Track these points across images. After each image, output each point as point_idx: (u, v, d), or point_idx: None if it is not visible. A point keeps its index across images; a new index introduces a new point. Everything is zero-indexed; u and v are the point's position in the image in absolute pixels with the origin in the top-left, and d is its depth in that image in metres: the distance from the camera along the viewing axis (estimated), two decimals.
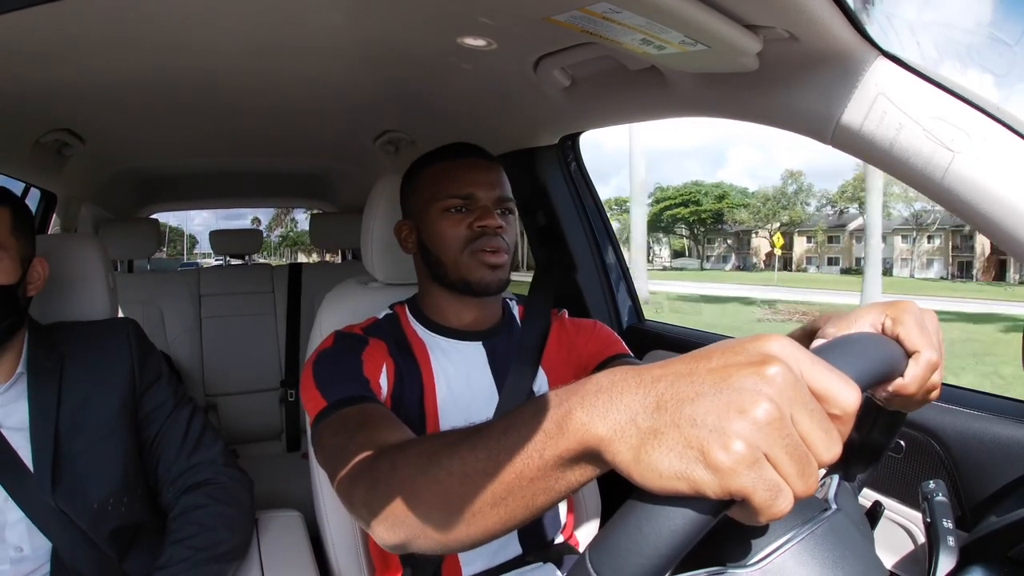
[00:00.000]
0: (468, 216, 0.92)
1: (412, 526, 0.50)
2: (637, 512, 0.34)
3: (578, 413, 0.37)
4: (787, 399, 0.32)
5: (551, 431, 0.38)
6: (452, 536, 0.47)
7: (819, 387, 0.34)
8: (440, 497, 0.47)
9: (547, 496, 0.40)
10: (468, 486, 0.44)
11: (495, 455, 0.42)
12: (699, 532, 0.34)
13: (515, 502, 0.41)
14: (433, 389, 0.93)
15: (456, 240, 0.92)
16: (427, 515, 0.48)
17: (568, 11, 0.73)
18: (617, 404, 0.36)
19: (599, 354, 0.99)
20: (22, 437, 0.91)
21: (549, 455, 0.39)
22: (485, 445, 0.43)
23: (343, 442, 0.68)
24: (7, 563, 0.88)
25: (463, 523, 0.45)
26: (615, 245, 1.61)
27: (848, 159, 3.56)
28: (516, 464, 0.40)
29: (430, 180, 0.95)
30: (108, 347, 1.02)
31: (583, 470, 0.38)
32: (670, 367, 0.36)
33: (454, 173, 0.93)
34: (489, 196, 0.93)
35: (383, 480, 0.54)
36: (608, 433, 0.35)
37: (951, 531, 0.59)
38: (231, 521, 0.98)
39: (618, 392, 0.36)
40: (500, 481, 0.41)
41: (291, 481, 1.73)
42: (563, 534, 1.06)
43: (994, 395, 0.87)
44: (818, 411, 0.33)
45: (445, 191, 0.93)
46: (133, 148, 1.81)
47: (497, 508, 0.42)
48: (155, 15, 0.85)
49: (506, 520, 0.43)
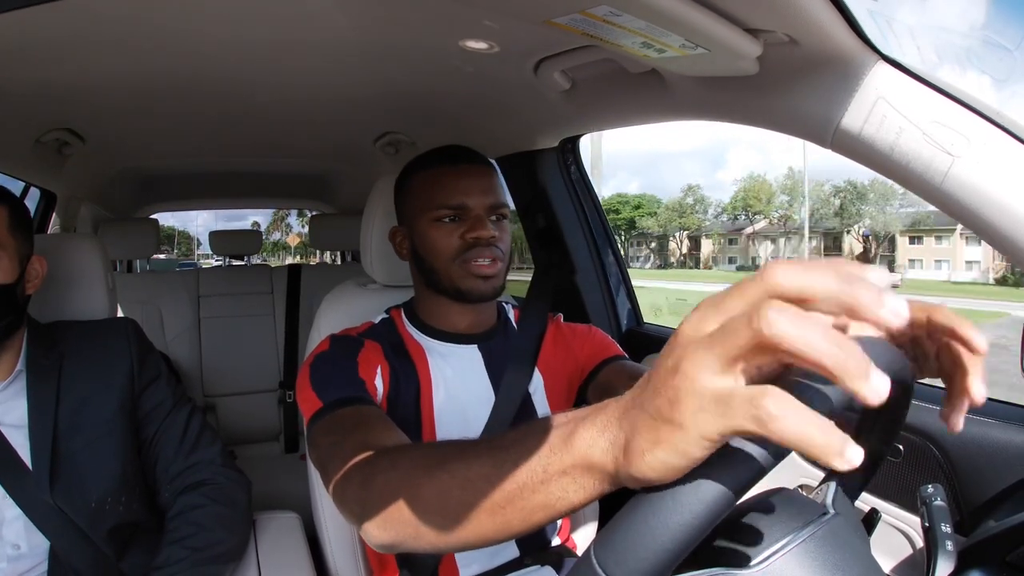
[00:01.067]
0: (460, 226, 0.91)
1: (407, 525, 0.50)
2: (643, 506, 0.34)
3: (582, 431, 0.38)
4: (695, 382, 0.31)
5: (556, 446, 0.39)
6: (447, 539, 0.47)
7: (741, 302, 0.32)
8: (439, 499, 0.47)
9: (545, 513, 0.41)
10: (469, 491, 0.44)
11: (499, 464, 0.42)
12: (704, 529, 0.34)
13: (513, 513, 0.42)
14: (430, 392, 0.93)
15: (448, 250, 0.91)
16: (424, 516, 0.48)
17: (568, 14, 0.73)
18: (608, 426, 0.37)
19: (595, 357, 0.99)
20: (21, 435, 0.91)
21: (553, 469, 0.39)
22: (491, 454, 0.44)
23: (338, 440, 0.69)
24: (4, 561, 0.88)
25: (460, 527, 0.45)
26: (615, 248, 1.61)
27: (845, 161, 3.55)
28: (519, 474, 0.41)
29: (421, 188, 0.94)
30: (107, 346, 1.02)
31: (584, 488, 0.39)
32: (638, 384, 0.37)
33: (444, 181, 0.91)
34: (481, 204, 0.91)
35: (380, 477, 0.54)
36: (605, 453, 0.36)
37: (949, 535, 0.59)
38: (228, 521, 0.98)
39: (615, 408, 0.37)
40: (501, 489, 0.42)
41: (289, 482, 1.72)
42: (560, 536, 1.06)
43: (993, 399, 0.87)
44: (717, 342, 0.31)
45: (436, 200, 0.91)
46: (133, 148, 1.81)
47: (494, 516, 0.43)
48: (156, 15, 0.85)
49: (502, 529, 0.43)
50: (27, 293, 0.96)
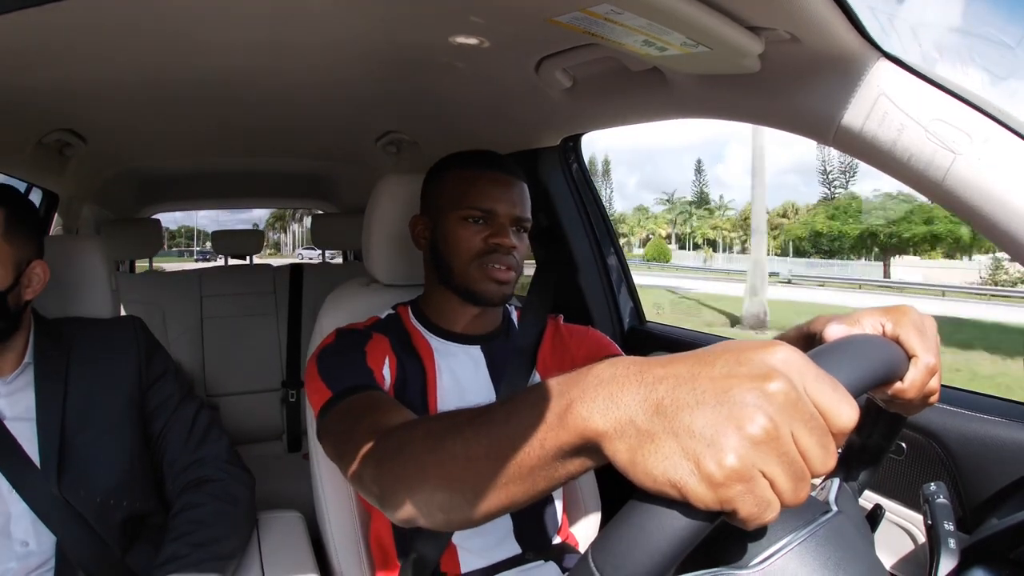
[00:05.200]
0: (484, 229, 0.93)
1: (418, 503, 0.51)
2: (640, 511, 0.35)
3: (578, 407, 0.37)
4: (786, 417, 0.33)
5: (552, 423, 0.39)
6: (456, 516, 0.48)
7: (821, 403, 0.34)
8: (444, 479, 0.48)
9: (548, 483, 0.41)
10: (471, 471, 0.45)
11: (497, 442, 0.43)
12: (701, 532, 0.34)
13: (516, 488, 0.42)
14: (435, 389, 0.95)
15: (469, 250, 0.93)
16: (432, 495, 0.49)
17: (570, 12, 0.73)
18: (617, 401, 0.36)
19: (591, 356, 1.00)
20: (28, 427, 0.92)
21: (550, 446, 0.39)
22: (488, 431, 0.44)
23: (351, 426, 0.69)
24: (13, 560, 0.88)
25: (467, 504, 0.46)
26: (616, 247, 1.61)
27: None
28: (518, 453, 0.41)
29: (454, 184, 0.96)
30: (115, 342, 1.03)
31: (583, 460, 0.39)
32: (672, 367, 0.35)
33: (479, 184, 0.94)
34: (508, 214, 0.94)
35: (390, 458, 0.56)
36: (607, 430, 0.36)
37: (952, 533, 0.59)
38: (231, 519, 0.98)
39: (619, 388, 0.36)
40: (502, 468, 0.42)
41: (292, 482, 1.72)
42: (560, 534, 1.06)
43: (995, 397, 0.87)
44: (818, 427, 0.33)
45: (467, 200, 0.94)
46: (135, 148, 1.81)
47: (499, 492, 0.43)
48: (157, 15, 0.85)
49: (509, 503, 0.44)
50: (25, 299, 0.93)
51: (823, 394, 0.34)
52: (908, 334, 0.51)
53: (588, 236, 1.56)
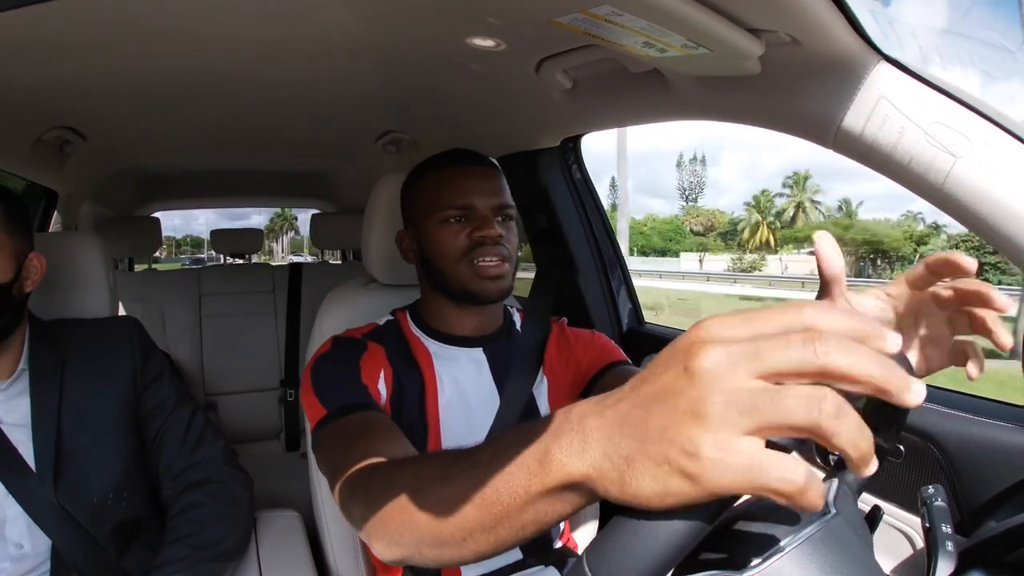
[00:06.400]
0: (467, 226, 0.91)
1: (407, 546, 0.50)
2: (634, 515, 0.34)
3: (555, 453, 0.37)
4: (725, 379, 0.31)
5: (533, 468, 0.39)
6: (446, 556, 0.48)
7: (773, 326, 0.32)
8: (432, 522, 0.47)
9: (536, 526, 0.41)
10: (457, 515, 0.44)
11: (482, 485, 0.42)
12: (696, 536, 0.34)
13: (504, 531, 0.42)
14: (435, 395, 0.93)
15: (455, 250, 0.91)
16: (421, 537, 0.49)
17: (570, 13, 0.73)
18: (589, 441, 0.36)
19: (597, 362, 0.99)
20: (24, 434, 0.91)
21: (534, 490, 0.39)
22: (473, 475, 0.43)
23: (343, 451, 0.69)
24: (7, 561, 0.88)
25: (455, 546, 0.46)
26: (616, 248, 1.61)
27: (841, 159, 3.51)
28: (503, 497, 0.41)
29: (428, 190, 0.94)
30: (110, 344, 1.02)
31: (571, 501, 0.38)
32: (623, 392, 0.36)
33: (451, 182, 0.92)
34: (488, 205, 0.92)
35: (379, 499, 0.55)
36: (590, 471, 0.36)
37: (950, 536, 0.59)
38: (230, 520, 0.98)
39: (586, 429, 0.36)
40: (488, 512, 0.42)
41: (290, 481, 1.72)
42: (561, 538, 1.06)
43: (994, 400, 0.87)
44: (765, 352, 0.31)
45: (443, 201, 0.92)
46: (134, 146, 1.81)
47: (487, 535, 0.43)
48: (157, 13, 0.85)
49: (497, 545, 0.43)
50: (26, 291, 0.95)
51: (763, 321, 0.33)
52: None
53: (587, 237, 1.56)
